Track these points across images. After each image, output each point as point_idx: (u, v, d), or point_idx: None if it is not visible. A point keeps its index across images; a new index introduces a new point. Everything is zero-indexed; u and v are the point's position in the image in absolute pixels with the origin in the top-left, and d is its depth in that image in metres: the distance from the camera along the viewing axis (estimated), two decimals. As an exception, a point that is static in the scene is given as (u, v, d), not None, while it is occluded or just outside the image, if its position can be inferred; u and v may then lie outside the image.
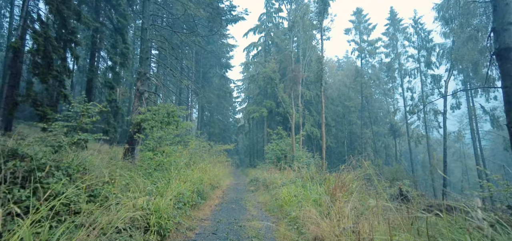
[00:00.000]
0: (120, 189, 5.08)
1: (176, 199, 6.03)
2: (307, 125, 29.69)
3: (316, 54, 22.83)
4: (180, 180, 7.23)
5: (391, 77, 32.85)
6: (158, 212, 4.67)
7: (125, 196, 4.61)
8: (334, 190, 5.05)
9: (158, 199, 5.08)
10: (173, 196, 5.97)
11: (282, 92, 22.99)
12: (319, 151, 30.21)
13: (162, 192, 5.93)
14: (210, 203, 8.01)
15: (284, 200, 7.25)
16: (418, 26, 29.34)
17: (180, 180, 7.19)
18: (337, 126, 39.10)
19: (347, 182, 5.28)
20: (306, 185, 7.34)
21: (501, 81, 4.95)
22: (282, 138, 21.85)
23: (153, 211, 4.55)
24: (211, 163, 14.51)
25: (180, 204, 6.01)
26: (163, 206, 4.92)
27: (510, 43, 4.77)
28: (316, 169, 14.06)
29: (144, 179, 6.60)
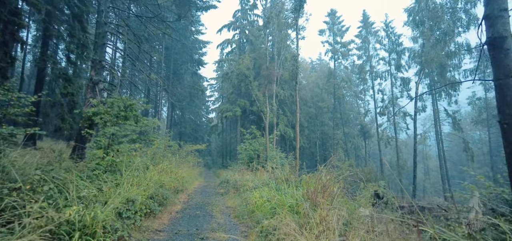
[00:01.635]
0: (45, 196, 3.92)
1: (125, 207, 4.95)
2: (281, 125, 29.25)
3: (291, 53, 22.38)
4: (133, 183, 6.12)
5: (362, 79, 33.51)
6: (92, 226, 3.60)
7: (47, 206, 3.49)
8: (315, 195, 4.30)
9: (97, 208, 4.00)
10: (121, 203, 4.89)
11: (256, 91, 22.25)
12: (292, 151, 29.93)
13: (107, 198, 4.83)
14: (171, 210, 6.95)
15: (255, 205, 6.42)
16: (389, 29, 30.19)
17: (133, 184, 6.08)
18: (310, 127, 39.23)
19: (329, 186, 4.56)
20: (280, 188, 6.56)
21: (493, 73, 4.51)
22: (255, 138, 21.10)
23: (83, 226, 3.47)
24: (178, 164, 13.33)
25: (129, 213, 4.93)
26: (102, 217, 3.85)
27: (503, 31, 4.34)
28: (291, 169, 13.44)
29: (88, 182, 5.44)
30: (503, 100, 4.32)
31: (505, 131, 4.30)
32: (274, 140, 22.84)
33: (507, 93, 4.27)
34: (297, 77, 17.56)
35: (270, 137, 22.00)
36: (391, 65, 30.46)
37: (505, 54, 4.33)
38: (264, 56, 27.37)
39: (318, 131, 39.89)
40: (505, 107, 4.29)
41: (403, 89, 28.56)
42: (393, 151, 44.56)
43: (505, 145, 4.33)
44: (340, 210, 3.70)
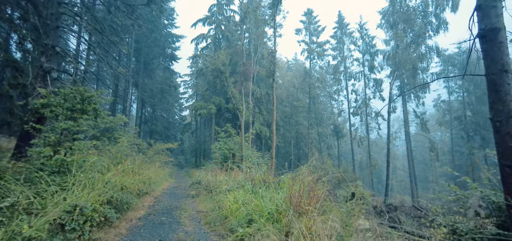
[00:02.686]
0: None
1: (70, 217, 4.07)
2: (256, 123, 28.75)
3: (268, 50, 21.94)
4: (86, 186, 5.20)
5: (337, 79, 33.98)
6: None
7: None
8: (298, 200, 3.75)
9: (23, 221, 3.13)
10: (64, 212, 4.00)
11: (232, 88, 21.52)
12: (268, 150, 29.57)
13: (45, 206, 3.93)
14: (132, 216, 6.08)
15: (229, 209, 5.75)
16: (363, 31, 30.84)
17: (86, 187, 5.17)
18: (285, 126, 39.21)
19: (317, 190, 4.01)
20: (257, 190, 5.95)
21: (485, 67, 4.25)
22: (230, 137, 20.41)
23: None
24: (146, 164, 12.29)
25: (74, 224, 4.05)
26: (28, 233, 3.00)
27: (497, 22, 4.09)
28: (267, 169, 12.93)
29: (26, 187, 4.47)
30: (496, 96, 4.05)
31: (497, 129, 4.04)
32: (249, 139, 22.27)
33: (500, 88, 4.01)
34: (274, 74, 17.11)
35: (245, 136, 21.40)
36: (364, 66, 31.16)
37: (498, 47, 4.06)
38: (240, 53, 26.67)
39: (293, 131, 39.99)
40: (499, 103, 4.02)
41: (375, 90, 29.30)
42: (363, 151, 45.96)
43: (498, 143, 4.07)
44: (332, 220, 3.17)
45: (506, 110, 3.94)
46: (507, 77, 3.98)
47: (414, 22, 17.52)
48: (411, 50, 18.05)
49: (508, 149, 3.91)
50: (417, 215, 13.91)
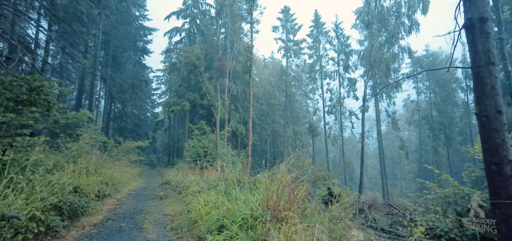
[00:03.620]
0: None
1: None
2: (232, 121, 28.12)
3: (244, 45, 21.40)
4: (25, 190, 4.37)
5: (312, 78, 34.26)
6: None
7: None
8: (277, 203, 3.27)
9: None
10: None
11: (207, 83, 20.72)
12: (244, 148, 29.09)
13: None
14: (86, 222, 5.28)
15: (199, 213, 5.17)
16: (339, 30, 31.32)
17: (24, 191, 4.33)
18: (262, 124, 38.94)
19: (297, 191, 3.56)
20: (231, 191, 5.41)
21: (470, 60, 4.04)
22: (205, 134, 19.63)
23: None
24: (109, 163, 11.30)
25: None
26: None
27: (484, 12, 3.89)
28: (243, 168, 12.43)
29: None
30: (483, 89, 3.85)
31: (483, 124, 3.84)
32: (225, 137, 21.64)
33: (487, 81, 3.81)
34: (251, 70, 16.62)
35: (221, 134, 20.75)
36: (339, 66, 31.66)
37: (485, 38, 3.86)
38: (216, 48, 25.91)
39: (270, 129, 39.83)
40: (485, 97, 3.82)
41: (350, 89, 29.86)
42: (337, 149, 47.03)
43: (484, 139, 3.88)
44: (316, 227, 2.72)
45: (492, 105, 3.75)
46: (493, 70, 3.79)
47: (388, 22, 17.92)
48: (385, 50, 18.49)
49: (495, 146, 3.73)
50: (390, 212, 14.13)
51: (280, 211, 3.21)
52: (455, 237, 4.89)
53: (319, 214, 3.86)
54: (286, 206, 3.25)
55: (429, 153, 43.96)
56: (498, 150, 3.72)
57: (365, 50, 23.83)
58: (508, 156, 3.68)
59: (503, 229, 3.82)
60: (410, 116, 41.20)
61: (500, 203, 3.79)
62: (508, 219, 3.71)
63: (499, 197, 3.77)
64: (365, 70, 24.85)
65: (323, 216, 3.65)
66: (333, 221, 3.62)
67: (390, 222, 11.28)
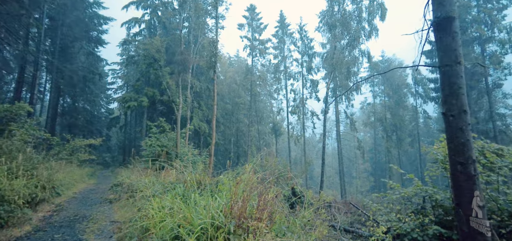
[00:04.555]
0: None
1: None
2: (195, 119, 27.09)
3: (209, 40, 20.65)
4: None
5: (277, 78, 34.56)
6: None
7: None
8: (243, 210, 2.84)
9: None
10: None
11: (167, 78, 19.59)
12: (207, 147, 28.22)
13: None
14: (7, 236, 4.33)
15: (152, 220, 4.53)
16: (303, 32, 31.99)
17: None
18: (226, 123, 38.32)
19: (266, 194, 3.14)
20: (190, 195, 4.84)
21: (438, 59, 4.03)
22: (164, 132, 18.52)
23: None
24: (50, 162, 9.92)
25: None
26: None
27: (451, 11, 3.89)
28: (205, 169, 11.80)
29: None
30: (450, 89, 3.83)
31: (450, 124, 3.82)
32: (186, 135, 20.68)
33: (454, 81, 3.79)
34: (215, 66, 15.98)
35: (182, 132, 19.78)
36: (303, 67, 32.33)
37: (452, 37, 3.85)
38: (178, 41, 24.67)
39: (234, 128, 39.36)
40: (451, 97, 3.80)
41: (312, 91, 30.63)
42: (299, 149, 48.21)
43: (450, 139, 3.86)
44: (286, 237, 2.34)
45: (459, 104, 3.75)
46: (460, 69, 3.80)
47: (350, 26, 18.61)
48: (346, 53, 19.19)
49: (460, 145, 3.72)
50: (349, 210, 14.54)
51: (246, 219, 2.79)
52: (417, 237, 4.90)
53: (287, 220, 3.52)
54: (254, 213, 2.84)
55: (382, 153, 47.15)
56: (463, 150, 3.71)
57: (328, 53, 24.61)
58: (472, 156, 3.69)
59: (464, 229, 3.83)
60: (366, 118, 43.72)
61: (463, 203, 3.80)
62: (470, 219, 3.72)
63: (463, 196, 3.77)
64: (327, 72, 25.66)
65: (293, 222, 3.32)
66: (305, 229, 3.31)
67: (350, 220, 11.55)
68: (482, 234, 3.71)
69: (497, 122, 23.61)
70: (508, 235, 4.64)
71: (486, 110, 24.28)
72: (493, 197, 4.73)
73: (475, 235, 3.70)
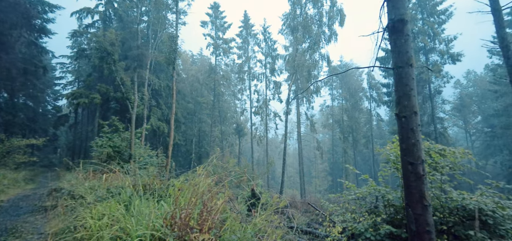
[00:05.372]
0: None
1: None
2: (153, 118, 25.71)
3: (168, 35, 19.70)
4: None
5: (241, 78, 34.40)
6: None
7: None
8: (187, 219, 2.51)
9: None
10: None
11: (122, 73, 18.24)
12: (166, 149, 26.97)
13: None
14: None
15: (89, 231, 3.97)
16: (267, 34, 32.26)
17: None
18: (187, 123, 37.07)
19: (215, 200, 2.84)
20: (134, 202, 4.34)
21: (392, 60, 4.11)
22: (117, 132, 17.20)
23: None
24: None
25: None
26: None
27: (404, 14, 3.98)
28: (160, 171, 11.09)
29: None
30: (403, 90, 3.91)
31: (402, 125, 3.90)
32: (142, 135, 19.52)
33: (406, 82, 3.88)
34: (175, 62, 15.23)
35: (138, 131, 18.61)
36: (266, 68, 32.60)
37: (405, 39, 3.94)
38: (135, 35, 23.23)
39: (196, 128, 38.25)
40: (404, 98, 3.89)
41: (275, 92, 31.02)
42: (261, 149, 48.60)
43: (402, 139, 3.94)
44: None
45: (410, 106, 3.84)
46: (411, 71, 3.90)
47: (311, 30, 19.14)
48: (307, 56, 19.70)
49: (411, 146, 3.81)
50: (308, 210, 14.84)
51: (192, 229, 2.47)
52: (370, 237, 4.98)
53: (241, 227, 3.26)
54: (199, 222, 2.53)
55: (340, 154, 49.49)
56: (413, 150, 3.80)
57: (290, 55, 25.13)
58: (421, 156, 3.79)
59: (413, 227, 3.93)
60: (325, 119, 45.57)
61: (412, 202, 3.90)
62: (419, 218, 3.82)
63: (412, 196, 3.87)
64: (289, 74, 26.13)
65: (245, 228, 3.07)
66: (258, 236, 3.09)
67: (308, 220, 11.73)
68: (429, 232, 3.85)
69: (437, 125, 26.14)
70: (448, 230, 4.93)
71: (429, 114, 26.73)
72: (437, 195, 4.99)
73: (423, 233, 3.82)
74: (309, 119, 32.60)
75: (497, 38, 8.54)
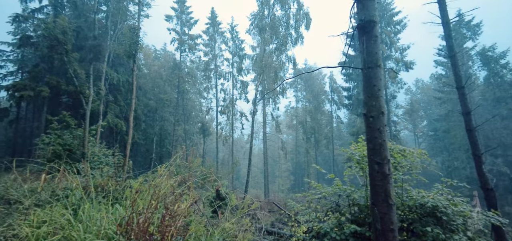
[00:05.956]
0: None
1: None
2: (110, 115, 23.97)
3: (129, 27, 18.48)
4: None
5: (207, 76, 33.66)
6: None
7: None
8: (145, 227, 2.18)
9: None
10: None
11: (76, 65, 16.68)
12: (123, 147, 25.28)
13: None
14: None
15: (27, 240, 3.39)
16: (234, 33, 31.94)
17: None
18: (148, 121, 35.22)
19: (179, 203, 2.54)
20: (84, 206, 3.83)
21: (361, 60, 4.14)
22: (69, 128, 15.68)
23: None
24: None
25: None
26: None
27: (373, 15, 4.04)
28: (116, 171, 10.24)
29: None
30: (371, 90, 3.96)
31: (369, 125, 3.94)
32: (98, 133, 18.07)
33: (374, 83, 3.93)
34: (135, 56, 14.25)
35: (92, 129, 17.16)
36: (233, 67, 32.29)
37: (374, 40, 4.00)
38: (92, 25, 21.46)
39: (157, 127, 36.50)
40: (372, 98, 3.94)
41: (242, 92, 30.84)
42: (226, 149, 48.13)
43: (369, 139, 3.99)
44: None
45: (378, 106, 3.90)
46: (379, 72, 3.97)
47: (279, 31, 19.33)
48: (274, 57, 19.89)
49: (378, 146, 3.87)
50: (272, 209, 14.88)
51: (152, 236, 2.16)
52: (335, 236, 5.01)
53: (207, 229, 3.00)
54: (164, 228, 2.22)
55: (302, 154, 50.95)
56: (380, 150, 3.86)
57: (257, 55, 25.19)
58: (387, 156, 3.87)
59: (378, 226, 3.99)
60: (289, 120, 46.56)
61: (378, 202, 3.96)
62: (384, 216, 3.89)
63: (378, 195, 3.93)
64: (256, 74, 26.18)
65: (212, 233, 2.82)
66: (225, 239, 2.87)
67: (272, 220, 11.73)
68: (393, 230, 3.94)
69: (392, 128, 28.16)
70: (408, 227, 5.16)
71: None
72: (399, 194, 5.19)
73: (387, 232, 3.90)
74: (274, 120, 32.95)
75: (446, 48, 9.29)
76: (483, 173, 8.05)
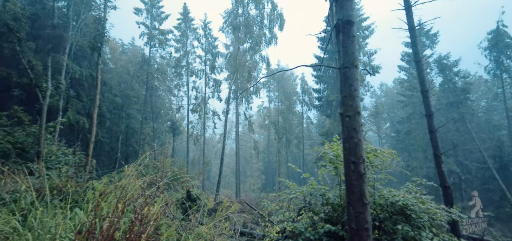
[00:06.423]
0: None
1: None
2: (71, 111, 22.27)
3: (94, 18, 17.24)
4: None
5: (178, 73, 32.63)
6: None
7: None
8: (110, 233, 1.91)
9: None
10: None
11: (30, 55, 15.21)
12: (85, 146, 23.59)
13: None
14: None
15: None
16: (207, 30, 31.29)
17: None
18: (113, 118, 33.26)
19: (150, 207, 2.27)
20: (35, 210, 3.38)
21: (339, 60, 4.15)
22: (21, 125, 14.25)
23: None
24: None
25: None
26: None
27: (351, 15, 4.06)
28: (76, 171, 9.48)
29: None
30: (347, 90, 3.97)
31: (346, 124, 3.95)
32: (56, 130, 16.70)
33: (351, 83, 3.95)
34: (101, 48, 13.33)
35: (50, 125, 15.83)
36: (206, 65, 31.65)
37: (351, 40, 4.02)
38: (51, 13, 19.74)
39: (123, 124, 34.61)
40: (349, 98, 3.95)
41: (215, 90, 30.35)
42: (197, 149, 47.13)
43: (345, 139, 4.00)
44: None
45: (354, 106, 3.93)
46: (356, 72, 4.00)
47: (253, 30, 19.27)
48: (248, 57, 19.79)
49: (354, 145, 3.89)
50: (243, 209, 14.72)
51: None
52: (309, 236, 5.00)
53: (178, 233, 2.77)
54: (133, 236, 1.96)
55: (273, 154, 51.51)
56: (356, 149, 3.89)
57: (231, 54, 24.90)
58: (363, 155, 3.90)
59: (353, 226, 4.02)
60: (262, 120, 46.82)
61: (353, 201, 3.99)
62: (359, 216, 3.92)
63: (354, 194, 3.95)
64: (230, 73, 25.88)
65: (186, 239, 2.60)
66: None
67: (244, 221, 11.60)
68: (367, 229, 3.99)
69: (359, 129, 29.40)
70: (379, 226, 5.30)
71: (353, 119, 29.86)
72: (371, 193, 5.31)
73: (361, 231, 3.94)
74: (247, 119, 32.87)
75: (413, 52, 9.80)
76: (443, 171, 8.62)
